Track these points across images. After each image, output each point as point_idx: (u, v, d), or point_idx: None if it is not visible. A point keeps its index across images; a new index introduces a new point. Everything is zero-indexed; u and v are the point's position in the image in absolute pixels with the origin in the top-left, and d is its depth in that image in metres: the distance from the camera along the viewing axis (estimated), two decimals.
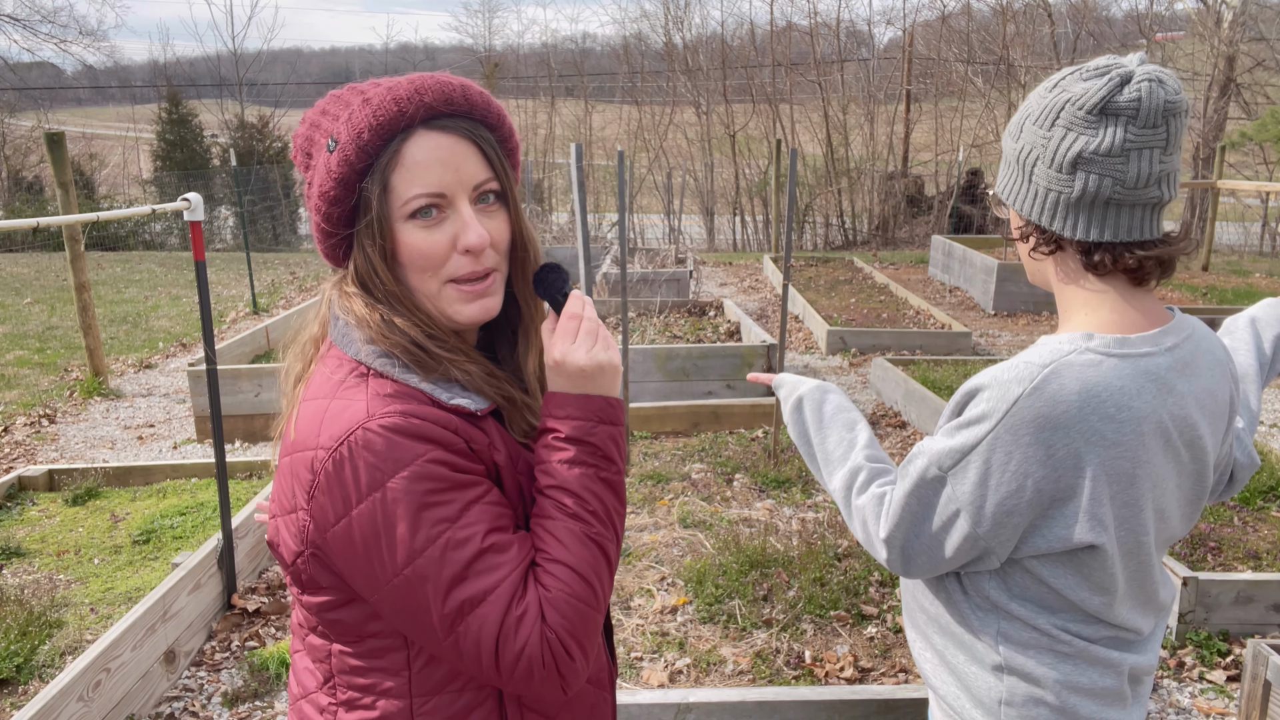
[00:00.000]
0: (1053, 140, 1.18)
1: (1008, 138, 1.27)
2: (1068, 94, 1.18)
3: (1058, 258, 1.25)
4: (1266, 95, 19.63)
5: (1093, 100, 1.15)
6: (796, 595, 3.45)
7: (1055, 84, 1.21)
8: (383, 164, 0.99)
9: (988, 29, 20.77)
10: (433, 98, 0.99)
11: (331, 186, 1.01)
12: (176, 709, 2.95)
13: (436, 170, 1.00)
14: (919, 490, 1.23)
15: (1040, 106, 1.21)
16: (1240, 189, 15.87)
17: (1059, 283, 1.26)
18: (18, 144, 21.98)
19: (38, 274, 13.04)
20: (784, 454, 4.96)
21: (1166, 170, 1.17)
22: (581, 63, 25.21)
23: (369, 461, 0.95)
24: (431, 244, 1.02)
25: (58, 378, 7.34)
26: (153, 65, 38.62)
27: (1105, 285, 1.21)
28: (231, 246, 18.88)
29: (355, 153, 0.99)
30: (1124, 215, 1.17)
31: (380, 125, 0.98)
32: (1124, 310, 1.21)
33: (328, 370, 1.05)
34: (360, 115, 0.99)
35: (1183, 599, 3.21)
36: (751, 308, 9.89)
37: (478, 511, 0.98)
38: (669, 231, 20.30)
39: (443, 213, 1.02)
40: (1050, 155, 1.18)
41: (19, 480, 4.75)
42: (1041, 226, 1.22)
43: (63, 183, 6.43)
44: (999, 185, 1.29)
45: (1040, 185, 1.20)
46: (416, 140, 1.00)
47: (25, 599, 3.52)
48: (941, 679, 1.35)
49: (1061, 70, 1.23)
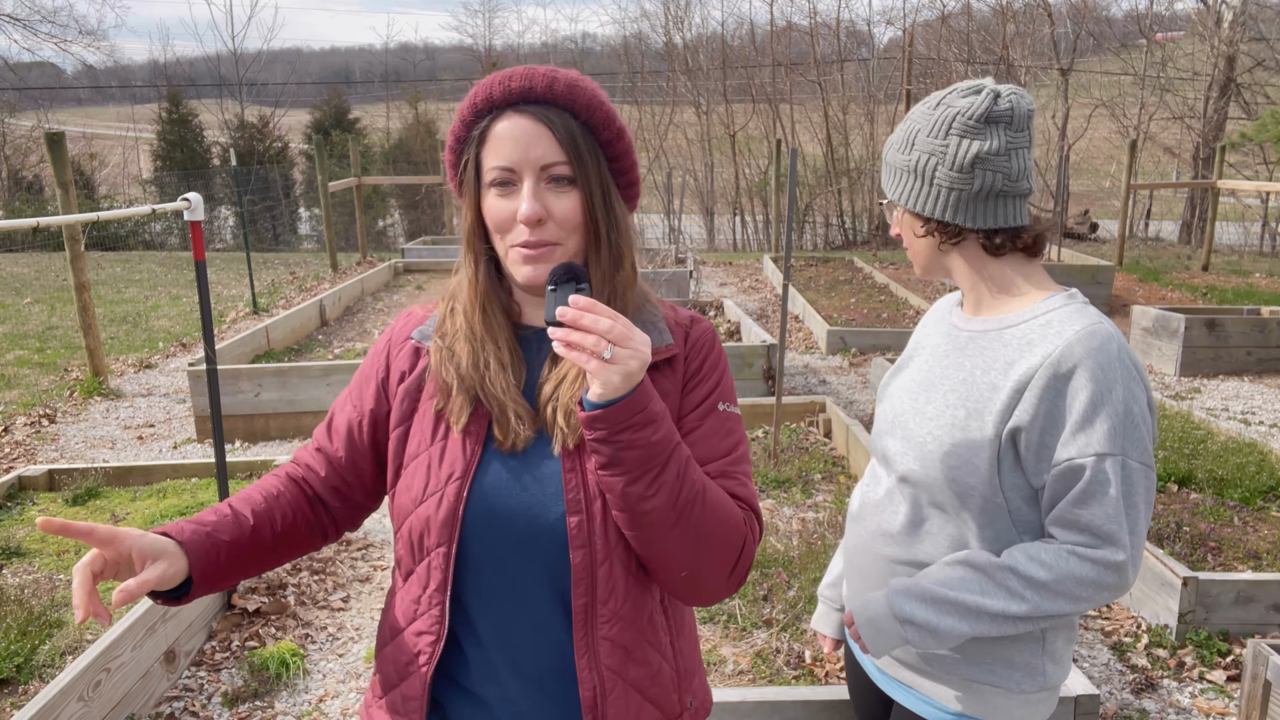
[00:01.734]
0: (950, 147, 1.37)
1: (896, 152, 1.45)
2: (954, 109, 1.37)
3: (961, 248, 1.44)
4: (1266, 95, 19.64)
5: (979, 111, 1.35)
6: (796, 595, 3.45)
7: (938, 103, 1.41)
8: (475, 137, 1.17)
9: (988, 29, 20.78)
10: (517, 84, 1.14)
11: (447, 153, 1.23)
12: (176, 709, 2.95)
13: (508, 147, 1.14)
14: (1147, 483, 1.29)
15: (929, 121, 1.40)
16: (1240, 189, 15.87)
17: (969, 268, 1.45)
18: (18, 144, 21.98)
19: (38, 274, 13.05)
20: (784, 454, 4.96)
21: (1030, 168, 1.41)
22: (581, 63, 25.25)
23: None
24: (500, 209, 1.16)
25: (58, 377, 7.34)
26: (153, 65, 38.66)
27: (1011, 261, 1.43)
28: (231, 246, 18.88)
29: (459, 126, 1.19)
30: (1008, 205, 1.39)
31: (476, 106, 1.16)
32: (1046, 276, 1.45)
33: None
34: (467, 97, 1.18)
35: (1183, 599, 3.22)
36: (751, 308, 9.89)
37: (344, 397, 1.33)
38: (669, 231, 20.29)
39: (515, 186, 1.15)
40: (951, 159, 1.37)
41: (19, 480, 4.75)
42: (945, 221, 1.41)
43: (63, 183, 6.43)
44: (894, 193, 1.46)
45: (942, 186, 1.39)
46: (502, 120, 1.15)
47: (25, 599, 3.52)
48: (975, 684, 1.42)
49: (935, 94, 1.44)
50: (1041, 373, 1.29)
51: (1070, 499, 1.28)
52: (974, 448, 1.34)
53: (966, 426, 1.36)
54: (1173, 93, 20.43)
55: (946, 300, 1.64)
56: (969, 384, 1.39)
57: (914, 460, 1.42)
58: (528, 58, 28.26)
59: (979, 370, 1.39)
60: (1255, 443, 4.89)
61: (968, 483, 1.35)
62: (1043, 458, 1.30)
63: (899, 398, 1.53)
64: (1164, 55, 21.45)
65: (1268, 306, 7.85)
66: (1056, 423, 1.28)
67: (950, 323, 1.53)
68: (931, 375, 1.48)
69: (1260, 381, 6.96)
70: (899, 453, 1.46)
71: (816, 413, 5.57)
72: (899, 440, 1.47)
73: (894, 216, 1.50)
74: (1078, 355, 1.28)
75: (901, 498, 1.47)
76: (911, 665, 1.49)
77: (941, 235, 1.43)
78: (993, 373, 1.36)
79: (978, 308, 1.47)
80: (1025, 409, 1.30)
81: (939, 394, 1.43)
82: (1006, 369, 1.34)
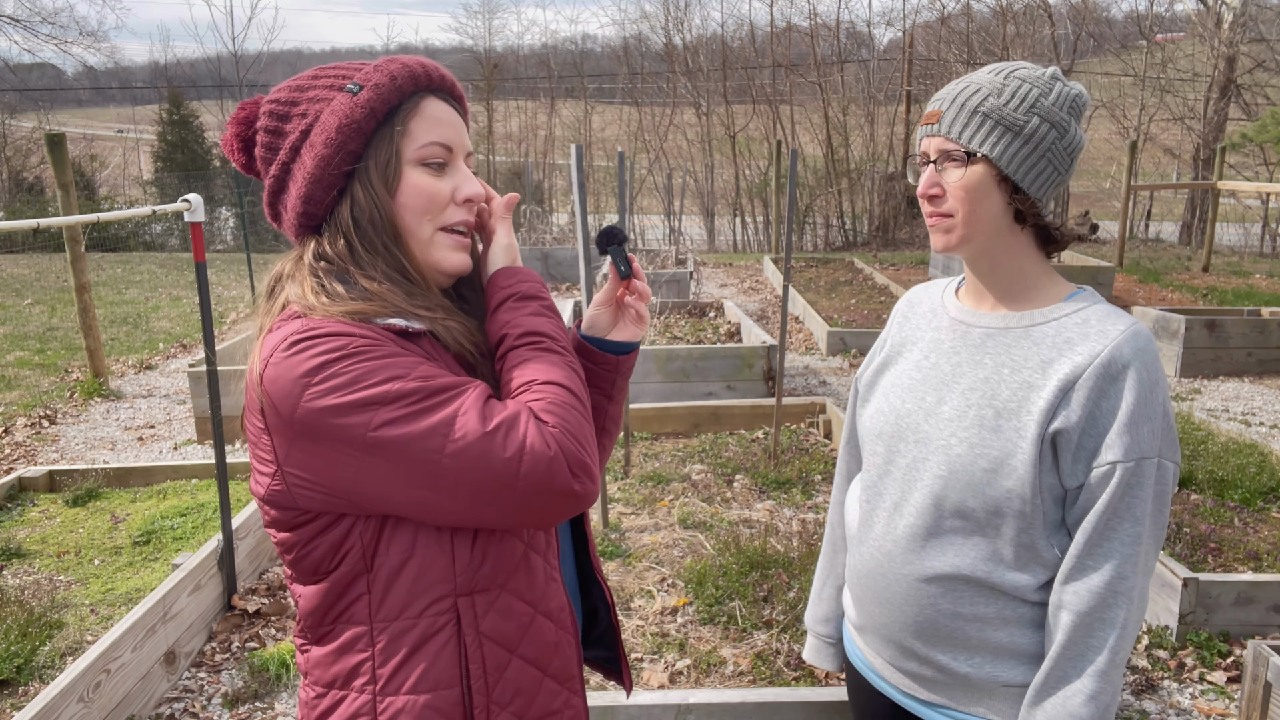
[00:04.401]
0: (1071, 128, 1.30)
1: (1004, 105, 1.28)
2: (1073, 89, 1.31)
3: (1024, 233, 1.36)
4: (1266, 96, 19.64)
5: (1086, 100, 1.31)
6: (797, 596, 3.45)
7: (1051, 76, 1.31)
8: (405, 110, 1.12)
9: (988, 30, 20.77)
10: (438, 75, 1.17)
11: (361, 116, 1.10)
12: (177, 710, 2.95)
13: (447, 128, 1.15)
14: (1174, 481, 1.28)
15: (1049, 91, 1.30)
16: (1240, 190, 15.87)
17: (1014, 258, 1.36)
18: (18, 145, 21.98)
19: (38, 275, 13.05)
20: (784, 455, 4.96)
21: None
22: (581, 64, 25.21)
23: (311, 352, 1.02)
24: (435, 188, 1.14)
25: (58, 379, 7.34)
26: (153, 66, 38.68)
27: (1042, 258, 1.39)
28: (232, 247, 18.88)
29: (390, 92, 1.11)
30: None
31: (413, 77, 1.13)
32: (1056, 273, 1.41)
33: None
34: (392, 67, 1.13)
35: (1183, 600, 3.21)
36: (752, 309, 9.88)
37: (423, 368, 1.03)
38: (669, 232, 20.31)
39: (447, 166, 1.15)
40: (1069, 140, 1.30)
41: (19, 481, 4.75)
42: (1033, 199, 1.31)
43: (63, 184, 6.43)
44: (993, 148, 1.28)
45: (1051, 162, 1.30)
46: (432, 101, 1.15)
47: (25, 600, 3.52)
48: (993, 665, 1.37)
49: (1024, 64, 1.34)
50: (1091, 372, 1.25)
51: (1103, 506, 1.26)
52: (1010, 449, 1.29)
53: (998, 427, 1.30)
54: (1173, 94, 20.44)
55: (928, 292, 1.55)
56: (993, 382, 1.33)
57: (938, 465, 1.34)
58: (527, 59, 28.25)
59: (1006, 369, 1.33)
60: (1255, 444, 4.89)
61: (1003, 485, 1.29)
62: (1080, 459, 1.27)
63: (896, 396, 1.45)
64: (1164, 56, 21.45)
65: (1268, 307, 7.85)
66: (1098, 423, 1.25)
67: (952, 317, 1.44)
68: (939, 373, 1.40)
69: (1260, 382, 6.95)
70: (917, 458, 1.38)
71: (816, 414, 5.57)
72: (911, 444, 1.39)
73: (947, 172, 1.32)
74: (1127, 356, 1.25)
75: (917, 508, 1.37)
76: (939, 682, 1.42)
77: (1025, 212, 1.32)
78: (1025, 371, 1.31)
79: (997, 302, 1.39)
80: (1074, 409, 1.26)
81: (955, 393, 1.36)
82: (1044, 368, 1.29)
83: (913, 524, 1.38)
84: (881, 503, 1.45)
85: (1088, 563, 1.27)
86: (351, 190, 1.12)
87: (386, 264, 1.12)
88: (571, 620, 1.21)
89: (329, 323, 1.03)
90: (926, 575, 1.37)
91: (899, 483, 1.41)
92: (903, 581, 1.39)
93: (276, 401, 1.00)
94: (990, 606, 1.34)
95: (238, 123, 1.18)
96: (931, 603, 1.37)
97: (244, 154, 1.19)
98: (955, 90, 1.32)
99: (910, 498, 1.39)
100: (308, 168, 1.11)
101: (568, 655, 1.20)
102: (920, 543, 1.37)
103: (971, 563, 1.34)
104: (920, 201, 1.37)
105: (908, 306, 1.57)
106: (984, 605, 1.34)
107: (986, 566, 1.33)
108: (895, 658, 1.45)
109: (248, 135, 1.18)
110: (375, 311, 1.07)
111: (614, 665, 1.41)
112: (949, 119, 1.31)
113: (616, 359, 1.29)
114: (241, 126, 1.17)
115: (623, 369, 1.31)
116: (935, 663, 1.39)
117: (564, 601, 1.20)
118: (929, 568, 1.36)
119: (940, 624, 1.37)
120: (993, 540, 1.33)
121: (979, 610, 1.35)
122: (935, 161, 1.33)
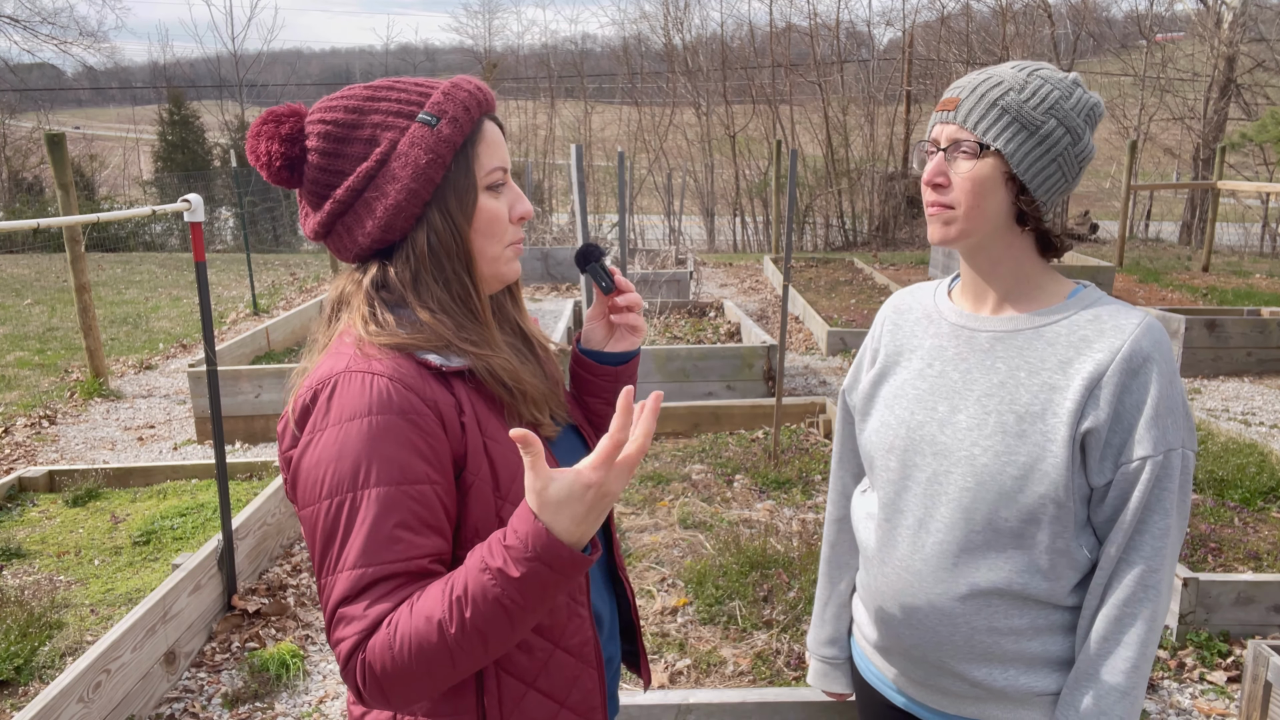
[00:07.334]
0: (1085, 136, 1.29)
1: (1023, 102, 1.26)
2: (1091, 99, 1.29)
3: (1025, 236, 1.33)
4: (1266, 96, 19.64)
5: (1103, 112, 1.30)
6: (797, 596, 3.45)
7: (1072, 81, 1.29)
8: (474, 138, 1.13)
9: (987, 30, 20.76)
10: (493, 98, 1.19)
11: (446, 151, 1.10)
12: (177, 710, 2.95)
13: (503, 150, 1.17)
14: (1189, 483, 1.28)
15: (1069, 96, 1.28)
16: (1240, 190, 15.87)
17: (1014, 259, 1.34)
18: (18, 145, 21.98)
19: (38, 275, 13.05)
20: (784, 454, 4.96)
21: None
22: (581, 64, 25.20)
23: (340, 401, 1.04)
24: (500, 211, 1.16)
25: (58, 379, 7.34)
26: (153, 66, 38.66)
27: (1042, 261, 1.37)
28: (232, 247, 18.87)
29: (467, 124, 1.12)
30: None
31: (480, 105, 1.14)
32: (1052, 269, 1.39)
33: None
34: (461, 95, 1.13)
35: (1183, 600, 3.21)
36: (752, 308, 9.88)
37: (419, 490, 1.03)
38: (669, 232, 20.31)
39: (504, 186, 1.17)
40: (1082, 147, 1.29)
41: (19, 481, 4.75)
42: (1038, 201, 1.29)
43: (63, 184, 6.43)
44: (1005, 143, 1.26)
45: (1061, 167, 1.28)
46: (489, 124, 1.16)
47: (25, 600, 3.52)
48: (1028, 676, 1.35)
49: (1048, 66, 1.31)
50: (1114, 368, 1.24)
51: (1136, 503, 1.25)
52: (1039, 453, 1.26)
53: (1023, 432, 1.27)
54: (1173, 93, 20.44)
55: (915, 297, 1.50)
56: (1010, 387, 1.30)
57: (963, 477, 1.30)
58: (527, 59, 28.24)
59: (1022, 372, 1.30)
60: (1255, 444, 4.89)
61: (1036, 491, 1.26)
62: (1107, 456, 1.25)
63: (903, 408, 1.39)
64: (1164, 56, 21.45)
65: (1268, 307, 7.85)
66: (1124, 419, 1.24)
67: (952, 322, 1.40)
68: (947, 381, 1.36)
69: (1260, 382, 6.95)
70: (938, 471, 1.33)
71: (816, 414, 5.57)
72: (929, 457, 1.34)
73: (956, 162, 1.29)
74: (1147, 349, 1.24)
75: (945, 524, 1.32)
76: (971, 697, 1.38)
77: (1028, 214, 1.30)
78: (1044, 373, 1.28)
79: (1000, 303, 1.36)
80: (1102, 408, 1.24)
81: (969, 401, 1.32)
82: (1063, 368, 1.27)
83: (942, 540, 1.33)
84: (903, 520, 1.38)
85: (1121, 559, 1.27)
86: (428, 219, 1.11)
87: (448, 292, 1.13)
88: (596, 653, 1.21)
89: (359, 389, 1.03)
90: (961, 594, 1.32)
91: (920, 499, 1.35)
92: (936, 602, 1.34)
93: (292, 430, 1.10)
94: (1024, 618, 1.32)
95: (280, 139, 1.12)
96: (967, 621, 1.33)
97: (287, 170, 1.13)
98: (976, 80, 1.30)
99: (936, 513, 1.33)
100: (390, 199, 1.09)
101: (588, 688, 1.20)
102: (952, 560, 1.32)
103: (1007, 576, 1.30)
104: (923, 189, 1.33)
105: (896, 313, 1.51)
106: (1018, 617, 1.32)
107: (1023, 579, 1.30)
108: (925, 676, 1.41)
109: (293, 154, 1.13)
110: (417, 345, 1.08)
111: (634, 659, 1.46)
112: (966, 108, 1.28)
113: (615, 370, 1.34)
114: (286, 145, 1.12)
115: (623, 378, 1.34)
116: (969, 678, 1.35)
117: (589, 636, 1.19)
118: (963, 585, 1.32)
119: (976, 640, 1.33)
120: (1028, 551, 1.29)
121: (1014, 623, 1.32)
122: (945, 150, 1.30)
